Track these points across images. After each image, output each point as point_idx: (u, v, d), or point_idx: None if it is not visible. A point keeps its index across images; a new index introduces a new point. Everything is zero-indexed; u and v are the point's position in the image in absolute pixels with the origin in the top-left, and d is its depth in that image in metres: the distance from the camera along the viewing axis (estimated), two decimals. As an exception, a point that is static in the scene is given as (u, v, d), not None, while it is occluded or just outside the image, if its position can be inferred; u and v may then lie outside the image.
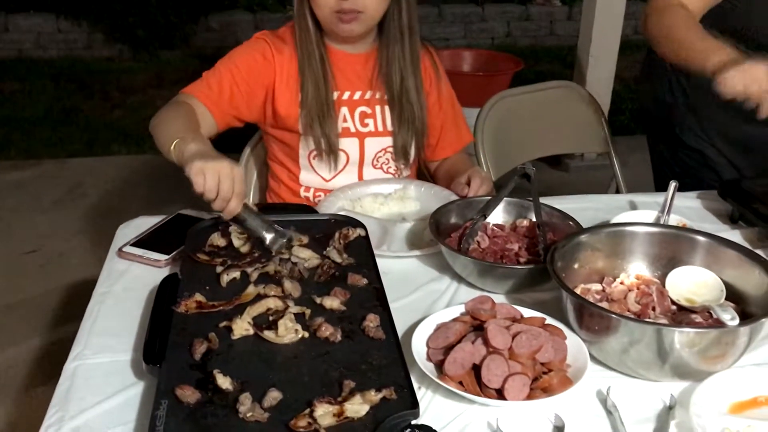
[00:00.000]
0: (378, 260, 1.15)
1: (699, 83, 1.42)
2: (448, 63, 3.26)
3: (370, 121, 1.50)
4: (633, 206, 1.43)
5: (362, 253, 1.16)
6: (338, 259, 1.13)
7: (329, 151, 1.47)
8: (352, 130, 1.50)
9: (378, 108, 1.51)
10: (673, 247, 1.13)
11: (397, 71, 1.47)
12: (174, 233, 1.28)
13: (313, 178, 1.53)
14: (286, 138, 1.51)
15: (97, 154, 3.79)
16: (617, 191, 1.95)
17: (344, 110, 1.49)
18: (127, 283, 1.18)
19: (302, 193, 1.54)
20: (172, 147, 1.19)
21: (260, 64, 1.45)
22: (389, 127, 1.51)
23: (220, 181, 1.09)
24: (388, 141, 1.52)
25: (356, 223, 1.24)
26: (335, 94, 1.47)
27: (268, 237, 1.14)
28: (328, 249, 1.16)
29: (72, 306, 2.47)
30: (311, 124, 1.45)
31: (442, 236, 1.20)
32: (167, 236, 1.28)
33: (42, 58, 5.11)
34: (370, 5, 1.38)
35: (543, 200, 1.28)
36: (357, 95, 1.50)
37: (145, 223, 1.35)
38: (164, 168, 1.28)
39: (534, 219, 1.25)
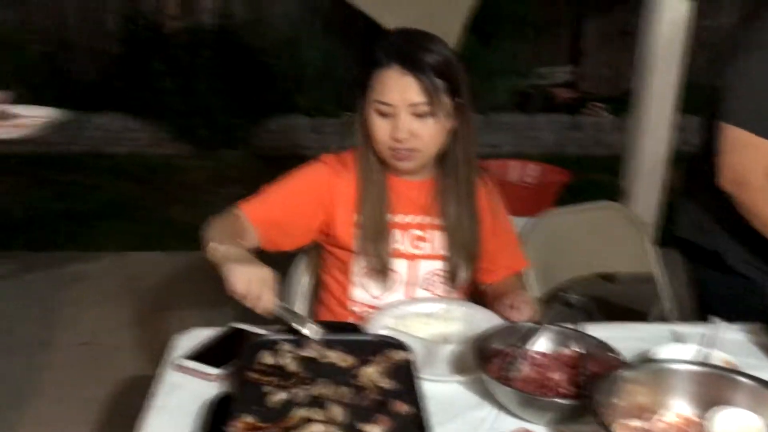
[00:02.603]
0: (421, 383, 1.17)
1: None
2: (496, 173, 3.33)
3: (422, 244, 1.56)
4: (676, 337, 1.44)
5: (406, 378, 1.19)
6: (383, 384, 1.17)
7: (381, 271, 1.53)
8: (404, 251, 1.56)
9: (431, 233, 1.57)
10: (716, 388, 1.13)
11: (453, 200, 1.54)
12: (226, 347, 1.34)
13: (363, 295, 1.58)
14: (340, 254, 1.58)
15: (155, 248, 3.94)
16: (662, 317, 1.95)
17: (398, 232, 1.55)
18: (180, 397, 1.23)
19: (350, 308, 1.59)
20: (211, 249, 1.31)
21: (317, 191, 1.54)
22: (441, 252, 1.57)
23: (251, 283, 1.19)
24: (439, 264, 1.57)
25: (401, 346, 1.27)
26: (390, 217, 1.54)
27: (306, 330, 1.20)
28: (371, 369, 1.20)
29: (121, 403, 2.53)
30: (366, 244, 1.52)
31: (484, 361, 1.23)
32: (220, 350, 1.34)
33: (110, 153, 5.42)
34: (424, 145, 1.46)
35: (586, 328, 1.30)
36: (411, 219, 1.56)
37: (199, 335, 1.41)
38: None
39: (576, 348, 1.27)
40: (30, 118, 1.35)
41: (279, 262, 1.34)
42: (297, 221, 1.55)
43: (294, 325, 1.22)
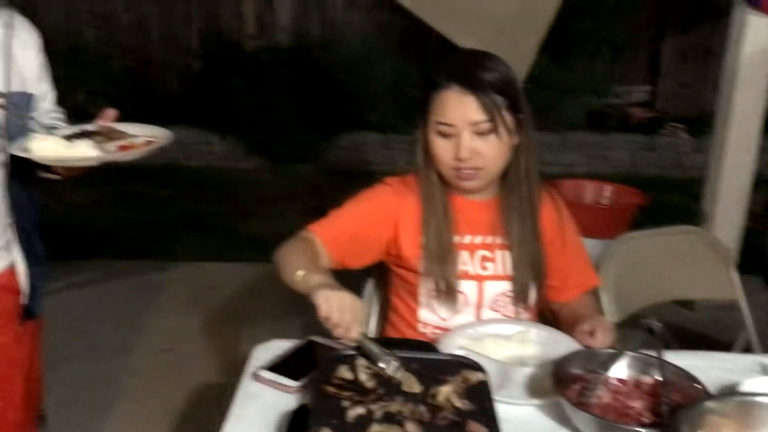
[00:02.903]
0: (496, 405, 1.17)
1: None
2: (570, 193, 3.30)
3: (489, 264, 1.56)
4: (764, 370, 1.39)
5: (483, 400, 1.19)
6: (458, 404, 1.17)
7: (448, 292, 1.54)
8: (472, 273, 1.56)
9: (498, 252, 1.56)
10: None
11: (517, 217, 1.54)
12: (305, 360, 1.37)
13: (431, 317, 1.59)
14: (408, 276, 1.60)
15: (230, 259, 4.05)
16: (747, 348, 1.88)
17: (464, 253, 1.56)
18: (258, 407, 1.27)
19: (420, 329, 1.60)
20: (299, 277, 1.34)
21: (384, 211, 1.56)
22: (509, 272, 1.56)
23: (343, 311, 1.22)
24: (507, 285, 1.57)
25: (477, 367, 1.27)
26: (456, 238, 1.55)
27: (385, 364, 1.21)
28: (447, 389, 1.20)
29: (198, 409, 2.61)
30: (432, 265, 1.53)
31: (562, 387, 1.22)
32: (298, 362, 1.37)
33: (188, 166, 5.60)
34: (488, 163, 1.47)
35: (668, 356, 1.27)
36: (477, 239, 1.57)
37: (278, 347, 1.45)
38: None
39: (658, 377, 1.24)
40: (138, 138, 1.41)
41: (350, 282, 1.37)
42: (365, 240, 1.57)
43: (374, 355, 1.24)
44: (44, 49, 1.56)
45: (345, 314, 1.23)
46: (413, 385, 1.22)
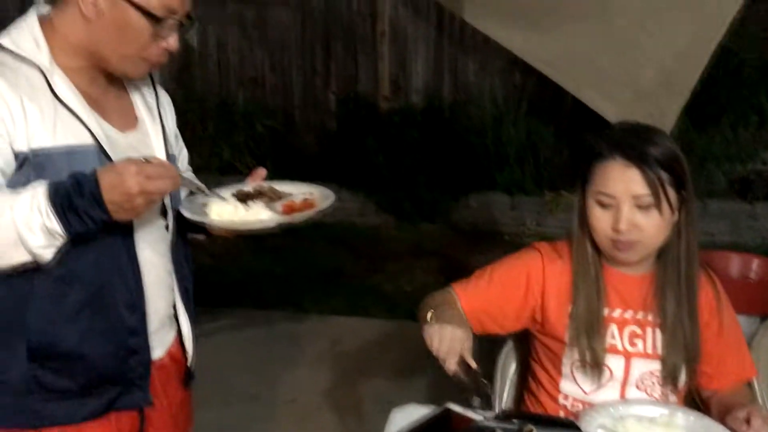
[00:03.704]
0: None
1: None
2: (713, 265, 3.11)
3: (639, 341, 1.51)
4: None
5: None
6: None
7: (594, 365, 1.50)
8: (620, 348, 1.51)
9: (649, 330, 1.51)
10: None
11: (672, 296, 1.48)
12: (441, 428, 1.36)
13: (573, 389, 1.54)
14: (552, 345, 1.57)
15: (357, 314, 4.13)
16: None
17: (613, 327, 1.51)
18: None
19: (560, 401, 1.56)
20: (427, 319, 1.41)
21: (531, 278, 1.55)
22: (659, 351, 1.50)
23: (442, 341, 1.30)
24: (656, 365, 1.50)
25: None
26: (606, 311, 1.51)
27: (476, 403, 1.26)
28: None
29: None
30: (578, 336, 1.50)
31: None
32: (434, 430, 1.37)
33: (321, 221, 5.77)
34: (646, 237, 1.44)
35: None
36: (628, 314, 1.52)
37: (415, 412, 1.45)
38: (416, 336, 1.46)
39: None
40: (296, 196, 1.43)
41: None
42: (509, 309, 1.56)
43: (468, 391, 1.26)
44: (192, 108, 1.64)
45: (443, 345, 1.29)
46: None
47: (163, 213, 1.44)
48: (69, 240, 1.19)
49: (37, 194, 1.15)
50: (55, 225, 1.14)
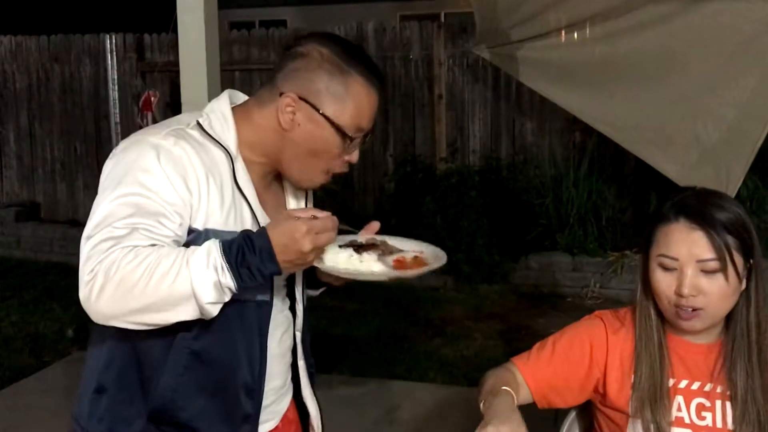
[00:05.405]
0: None
1: None
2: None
3: (707, 414, 1.43)
4: None
5: None
6: None
7: (659, 439, 1.42)
8: (687, 421, 1.43)
9: (719, 403, 1.43)
10: None
11: (743, 367, 1.40)
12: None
13: (639, 463, 1.47)
14: (614, 416, 1.50)
15: (415, 378, 4.06)
16: None
17: (679, 399, 1.44)
18: None
19: (626, 475, 1.48)
20: (482, 399, 1.38)
21: (594, 349, 1.50)
22: (729, 425, 1.41)
23: None
24: (727, 439, 1.42)
25: None
26: (671, 381, 1.45)
27: None
28: None
29: None
30: (642, 407, 1.43)
31: None
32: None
33: (378, 282, 5.80)
34: (711, 304, 1.38)
35: None
36: (695, 386, 1.45)
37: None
38: (475, 402, 1.43)
39: None
40: (408, 252, 1.43)
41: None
42: (573, 382, 1.52)
43: None
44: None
45: None
46: None
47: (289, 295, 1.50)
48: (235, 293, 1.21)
49: (212, 251, 1.18)
50: (229, 280, 1.18)
